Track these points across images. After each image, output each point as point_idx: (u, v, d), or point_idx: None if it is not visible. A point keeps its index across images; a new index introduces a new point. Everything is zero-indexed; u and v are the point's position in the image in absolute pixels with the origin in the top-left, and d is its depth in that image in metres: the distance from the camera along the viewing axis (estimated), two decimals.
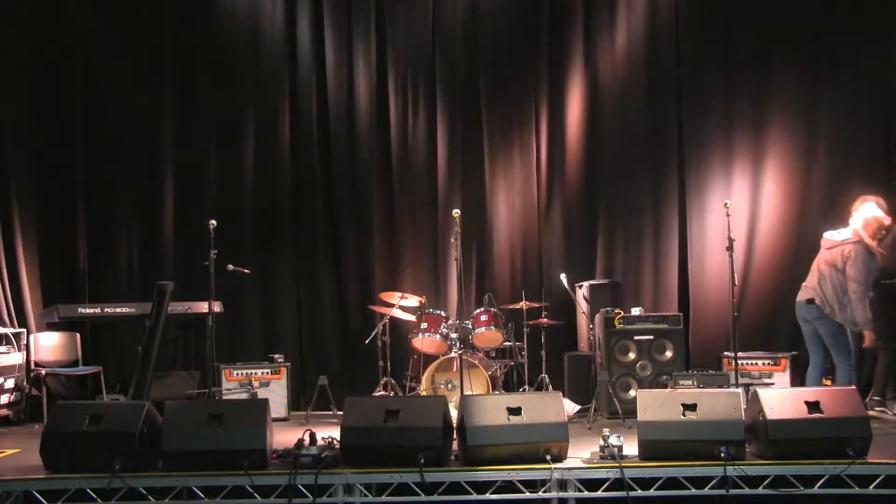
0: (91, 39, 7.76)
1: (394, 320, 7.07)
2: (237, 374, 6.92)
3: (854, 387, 4.93)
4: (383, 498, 4.60)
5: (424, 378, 6.47)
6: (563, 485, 4.54)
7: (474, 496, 4.56)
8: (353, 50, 7.92)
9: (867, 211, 6.04)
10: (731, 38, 7.72)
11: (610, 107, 7.87)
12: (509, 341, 6.80)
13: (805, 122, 7.57)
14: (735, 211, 6.72)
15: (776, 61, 7.61)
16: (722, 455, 4.43)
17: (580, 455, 4.81)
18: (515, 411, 4.65)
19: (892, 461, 4.51)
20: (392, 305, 6.86)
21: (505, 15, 7.95)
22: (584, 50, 7.89)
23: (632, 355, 6.58)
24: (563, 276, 6.74)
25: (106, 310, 6.95)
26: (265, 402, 5.01)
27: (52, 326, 7.13)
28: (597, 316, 6.78)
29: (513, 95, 7.95)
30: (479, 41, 7.93)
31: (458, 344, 6.56)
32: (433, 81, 7.93)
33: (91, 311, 6.92)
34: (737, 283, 5.72)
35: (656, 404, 4.72)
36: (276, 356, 7.08)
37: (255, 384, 6.90)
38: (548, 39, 7.92)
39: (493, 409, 4.67)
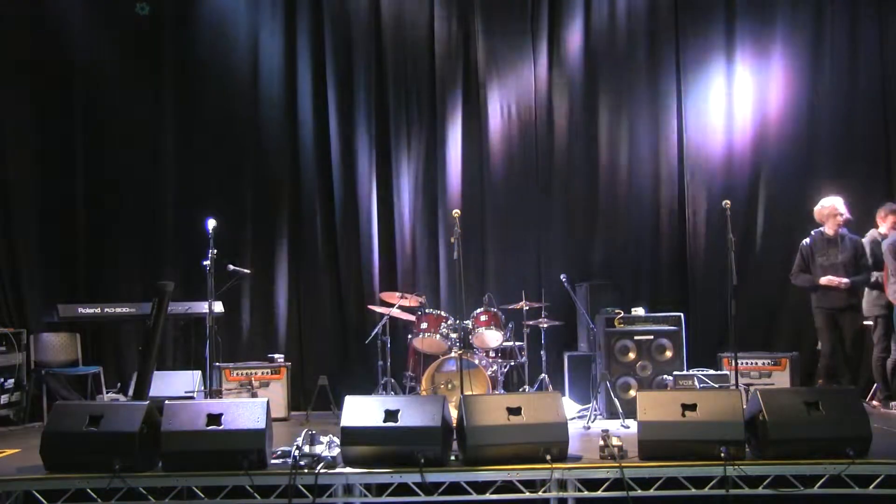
0: (92, 38, 7.75)
1: (394, 320, 7.07)
2: (237, 374, 6.93)
3: (854, 387, 4.93)
4: (383, 498, 4.60)
5: (424, 378, 6.47)
6: (563, 485, 4.54)
7: (474, 496, 4.56)
8: (351, 46, 7.92)
9: None
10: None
11: (610, 107, 7.88)
12: (509, 341, 6.80)
13: (805, 125, 7.65)
14: (735, 210, 6.74)
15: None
16: (722, 455, 4.43)
17: (580, 455, 4.81)
18: (515, 411, 4.65)
19: (892, 461, 4.51)
20: (392, 305, 6.86)
21: (505, 18, 7.98)
22: (584, 49, 7.92)
23: (632, 355, 6.58)
24: (563, 276, 6.74)
25: (106, 310, 6.94)
26: (265, 402, 5.01)
27: (52, 326, 7.12)
28: (597, 316, 6.78)
29: (512, 96, 7.94)
30: (478, 40, 7.93)
31: (458, 344, 6.56)
32: (432, 79, 7.93)
33: (91, 311, 6.91)
34: (736, 282, 5.72)
35: (656, 404, 4.72)
36: (276, 356, 7.08)
37: (255, 384, 6.90)
38: (547, 41, 7.94)
39: (493, 409, 4.68)
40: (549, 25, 7.95)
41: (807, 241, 6.68)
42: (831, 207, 6.58)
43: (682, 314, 6.78)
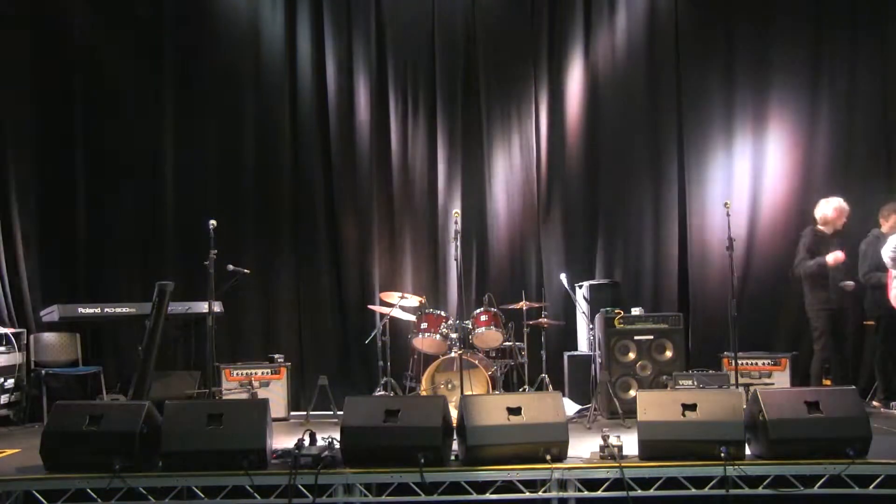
0: (92, 39, 7.77)
1: (394, 320, 7.07)
2: (237, 374, 6.93)
3: (854, 387, 4.93)
4: (383, 498, 4.60)
5: (424, 378, 6.47)
6: (563, 485, 4.54)
7: (474, 496, 4.56)
8: (352, 49, 7.94)
9: None
10: (729, 28, 7.80)
11: (610, 109, 7.91)
12: (509, 341, 6.80)
13: (805, 124, 7.66)
14: (735, 211, 6.75)
15: (776, 55, 7.72)
16: (722, 455, 4.43)
17: (580, 455, 4.81)
18: (515, 411, 4.65)
19: (893, 461, 4.51)
20: (392, 305, 6.86)
21: (505, 16, 7.98)
22: (584, 51, 7.93)
23: (632, 355, 6.58)
24: (563, 276, 6.74)
25: (106, 310, 6.95)
26: (265, 402, 5.01)
27: (52, 326, 7.12)
28: (597, 316, 6.78)
29: (512, 96, 7.97)
30: (478, 42, 7.95)
31: (458, 344, 6.56)
32: (433, 81, 7.95)
33: (91, 311, 6.92)
34: (737, 282, 5.71)
35: (656, 404, 4.72)
36: (276, 356, 7.08)
37: (255, 384, 6.90)
38: (547, 41, 7.96)
39: (493, 409, 4.67)
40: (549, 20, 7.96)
41: (808, 236, 6.66)
42: (841, 209, 6.60)
43: (682, 314, 6.79)
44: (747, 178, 7.72)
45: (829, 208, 6.63)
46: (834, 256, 6.46)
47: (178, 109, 7.88)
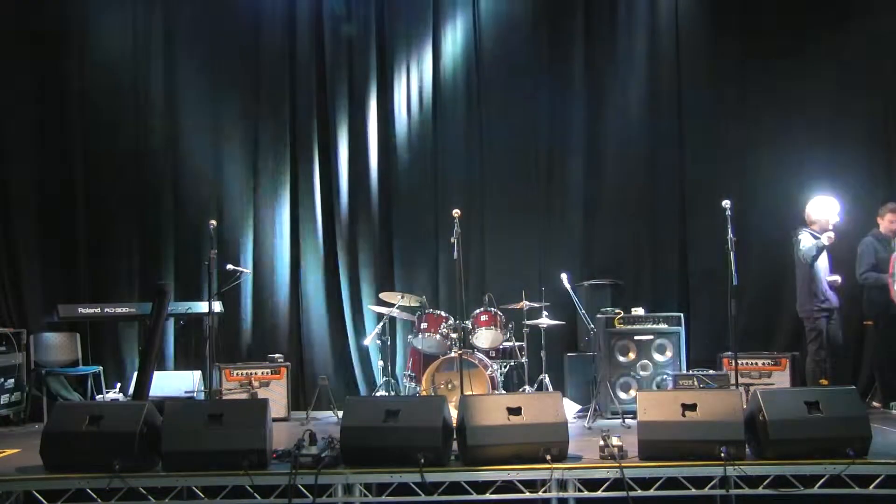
0: (90, 39, 7.76)
1: (394, 320, 7.06)
2: (237, 374, 6.92)
3: (854, 387, 4.93)
4: (383, 498, 4.60)
5: (424, 378, 6.47)
6: (563, 485, 4.54)
7: (474, 496, 4.56)
8: (353, 48, 7.94)
9: None
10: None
11: (611, 106, 7.90)
12: (509, 341, 6.80)
13: (804, 123, 7.66)
14: (735, 210, 6.75)
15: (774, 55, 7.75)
16: (722, 455, 4.43)
17: (580, 455, 4.81)
18: (515, 411, 4.65)
19: (893, 461, 4.51)
20: (392, 305, 6.86)
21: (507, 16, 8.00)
22: (585, 45, 7.93)
23: (632, 355, 6.58)
24: (563, 276, 6.74)
25: (106, 310, 6.95)
26: (265, 402, 5.01)
27: (52, 326, 7.12)
28: (597, 316, 6.77)
29: (514, 95, 7.95)
30: (479, 38, 7.94)
31: (458, 344, 6.56)
32: (435, 80, 7.94)
33: (91, 311, 6.92)
34: (736, 282, 5.72)
35: (656, 404, 4.72)
36: (276, 356, 7.08)
37: (255, 384, 6.90)
38: (547, 44, 7.96)
39: (493, 409, 4.67)
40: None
41: (802, 233, 6.67)
42: (834, 208, 6.59)
43: (682, 314, 6.79)
44: (747, 177, 7.71)
45: (822, 207, 6.62)
46: (828, 235, 6.44)
47: (178, 107, 7.87)
